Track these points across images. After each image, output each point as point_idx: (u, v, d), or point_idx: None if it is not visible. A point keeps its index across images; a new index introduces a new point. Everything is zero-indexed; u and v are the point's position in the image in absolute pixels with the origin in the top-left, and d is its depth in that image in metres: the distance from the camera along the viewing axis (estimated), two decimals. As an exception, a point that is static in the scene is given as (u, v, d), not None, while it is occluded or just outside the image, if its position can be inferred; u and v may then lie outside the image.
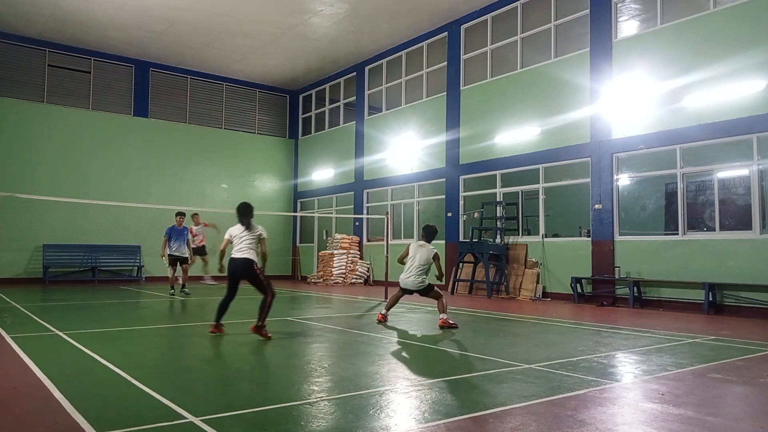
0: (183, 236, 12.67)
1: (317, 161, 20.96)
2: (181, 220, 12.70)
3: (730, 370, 5.06)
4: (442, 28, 15.86)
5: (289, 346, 6.19)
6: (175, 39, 16.95)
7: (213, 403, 3.92)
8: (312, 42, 16.99)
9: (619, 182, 11.81)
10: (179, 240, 12.59)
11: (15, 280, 16.23)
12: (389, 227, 13.42)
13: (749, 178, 9.99)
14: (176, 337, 7.09)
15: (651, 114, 11.14)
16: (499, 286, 13.23)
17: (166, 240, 12.50)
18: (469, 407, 3.71)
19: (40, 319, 8.09)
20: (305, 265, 21.02)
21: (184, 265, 12.78)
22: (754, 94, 9.71)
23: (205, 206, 19.25)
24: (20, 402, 3.81)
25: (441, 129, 15.72)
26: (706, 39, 10.46)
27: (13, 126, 16.65)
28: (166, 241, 12.51)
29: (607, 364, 5.32)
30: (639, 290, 11.01)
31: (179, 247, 12.57)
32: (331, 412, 3.60)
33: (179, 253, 12.57)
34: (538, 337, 7.00)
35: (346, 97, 19.91)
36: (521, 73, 13.84)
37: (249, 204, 6.96)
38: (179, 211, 12.81)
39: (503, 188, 14.14)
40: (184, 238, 12.68)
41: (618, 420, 3.51)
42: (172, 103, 19.65)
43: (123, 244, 17.93)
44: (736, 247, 9.87)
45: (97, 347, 5.76)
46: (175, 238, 12.57)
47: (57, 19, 15.57)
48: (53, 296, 12.35)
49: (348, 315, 9.60)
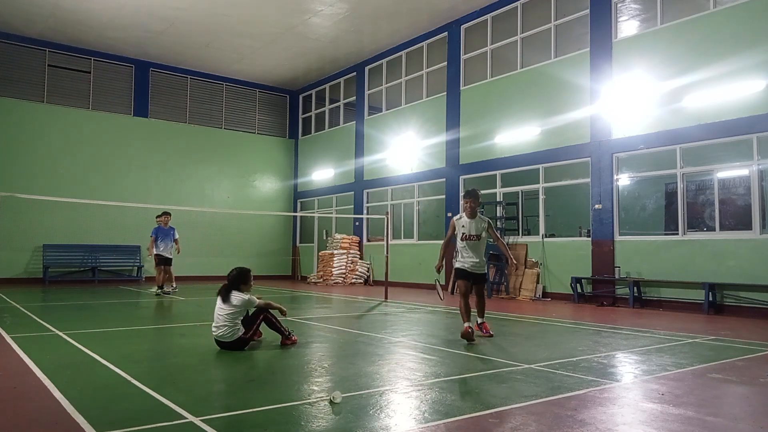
0: (170, 236, 12.85)
1: (317, 161, 20.95)
2: (167, 220, 12.83)
3: (730, 370, 5.05)
4: (442, 28, 15.86)
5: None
6: (175, 39, 16.94)
7: (213, 403, 3.92)
8: (312, 42, 16.98)
9: (619, 182, 11.81)
10: (166, 240, 12.78)
11: (15, 280, 16.24)
12: (389, 227, 13.42)
13: (749, 178, 9.99)
14: (176, 337, 7.09)
15: (651, 114, 11.14)
16: (499, 286, 13.23)
17: (154, 239, 12.72)
18: (469, 407, 3.71)
19: (40, 319, 8.09)
20: (305, 265, 21.01)
21: (168, 266, 12.81)
22: (754, 94, 9.71)
23: (205, 206, 19.27)
24: (20, 402, 3.81)
25: (441, 129, 15.72)
26: (706, 39, 10.45)
27: (13, 126, 16.65)
28: (153, 240, 12.73)
29: (607, 364, 5.32)
30: (639, 290, 11.01)
31: (165, 247, 12.75)
32: (331, 412, 3.59)
33: (165, 253, 12.73)
34: (538, 337, 7.00)
35: (346, 97, 19.91)
36: (521, 73, 13.83)
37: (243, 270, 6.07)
38: (164, 211, 12.95)
39: (503, 188, 14.14)
40: (171, 238, 12.85)
41: (618, 420, 3.50)
42: (172, 103, 19.66)
43: (123, 244, 17.94)
44: (736, 247, 9.86)
45: (97, 347, 5.76)
46: (161, 237, 12.73)
47: (57, 19, 15.57)
48: (53, 296, 12.35)
49: (348, 315, 9.60)
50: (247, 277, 5.96)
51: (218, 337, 5.76)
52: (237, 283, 5.89)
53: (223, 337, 5.73)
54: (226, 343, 5.75)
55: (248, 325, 5.87)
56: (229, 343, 5.74)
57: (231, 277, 5.95)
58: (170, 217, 12.93)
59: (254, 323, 5.88)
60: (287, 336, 6.05)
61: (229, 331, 5.71)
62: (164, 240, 12.75)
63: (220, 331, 5.73)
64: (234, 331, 5.73)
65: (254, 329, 5.88)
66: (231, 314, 5.72)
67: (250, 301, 5.83)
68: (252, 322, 5.89)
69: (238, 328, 5.77)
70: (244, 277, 5.95)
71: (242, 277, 5.94)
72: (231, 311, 5.72)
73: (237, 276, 5.94)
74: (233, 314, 5.74)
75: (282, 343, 6.01)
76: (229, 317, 5.72)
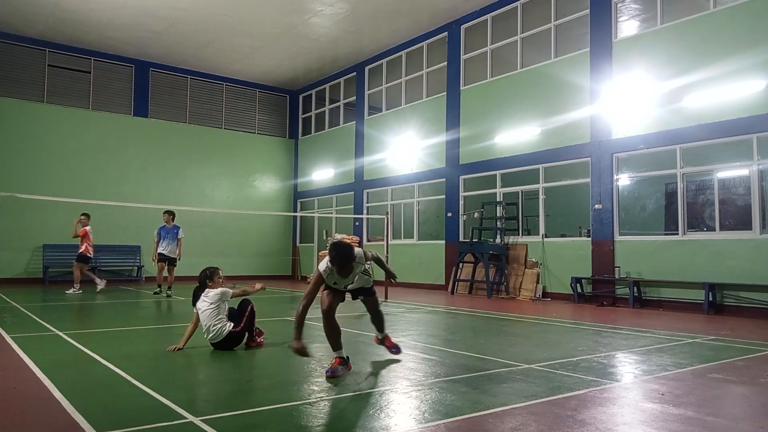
0: (172, 235, 12.61)
1: (317, 161, 20.95)
2: (170, 218, 12.65)
3: (730, 370, 5.05)
4: (442, 28, 15.86)
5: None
6: (175, 39, 16.94)
7: (213, 403, 3.92)
8: (312, 42, 16.98)
9: (619, 182, 11.81)
10: (168, 238, 12.55)
11: (15, 280, 16.24)
12: (389, 227, 13.42)
13: (749, 178, 9.99)
14: (176, 337, 7.07)
15: (651, 114, 11.14)
16: (499, 286, 13.22)
17: (158, 240, 12.54)
18: (469, 407, 3.70)
19: (40, 319, 8.09)
20: (305, 265, 21.00)
21: (171, 266, 12.61)
22: (754, 94, 9.71)
23: (205, 206, 19.27)
24: (20, 402, 3.81)
25: (441, 129, 15.72)
26: (706, 39, 10.45)
27: (13, 126, 16.65)
28: (158, 241, 12.55)
29: (607, 364, 5.32)
30: (639, 290, 11.00)
31: (168, 245, 12.52)
32: (331, 412, 3.59)
33: (168, 252, 12.51)
34: (538, 337, 7.00)
35: (346, 97, 19.91)
36: (521, 73, 13.83)
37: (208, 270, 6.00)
38: (167, 210, 12.82)
39: (503, 188, 14.14)
40: (173, 237, 12.61)
41: (618, 420, 3.50)
42: (172, 103, 19.65)
43: (123, 244, 17.93)
44: (736, 247, 9.86)
45: (97, 347, 5.76)
46: (164, 237, 12.56)
47: (57, 19, 15.56)
48: (53, 296, 12.34)
49: (348, 315, 9.60)
50: (212, 273, 5.97)
51: (211, 339, 5.77)
52: (204, 282, 5.92)
53: (215, 338, 5.73)
54: (219, 343, 5.75)
55: (237, 318, 5.87)
56: (222, 341, 5.73)
57: (199, 280, 5.98)
58: (172, 216, 12.70)
59: (243, 315, 5.87)
60: (253, 338, 5.98)
61: (217, 330, 5.70)
62: (166, 239, 12.55)
63: (210, 334, 5.73)
64: (221, 328, 5.72)
65: (245, 322, 5.86)
66: (212, 311, 5.73)
67: (224, 292, 5.86)
68: (240, 315, 5.89)
69: (225, 324, 5.76)
70: (210, 274, 5.97)
71: (208, 275, 5.96)
72: (210, 309, 5.75)
73: (202, 276, 5.97)
74: (214, 311, 5.74)
75: (247, 345, 5.93)
76: (212, 315, 5.72)
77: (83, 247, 13.03)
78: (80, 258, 13.04)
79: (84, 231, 13.00)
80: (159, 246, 12.57)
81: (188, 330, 5.86)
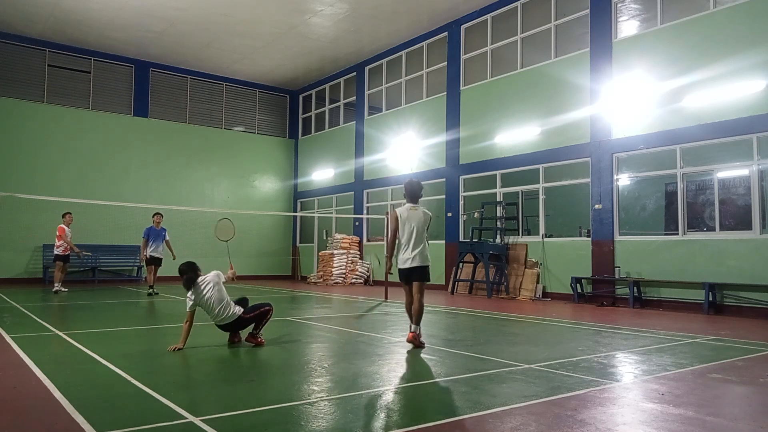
0: (161, 237, 12.90)
1: (317, 161, 20.95)
2: (159, 220, 12.91)
3: (730, 370, 5.05)
4: (442, 28, 15.86)
5: (289, 346, 6.20)
6: (175, 39, 16.94)
7: (213, 403, 3.92)
8: (312, 42, 16.98)
9: (619, 182, 11.81)
10: (157, 241, 12.82)
11: (15, 280, 16.23)
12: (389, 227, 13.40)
13: (749, 178, 9.99)
14: (176, 337, 7.07)
15: (651, 114, 11.14)
16: (499, 286, 13.22)
17: (146, 241, 12.76)
18: (469, 407, 3.70)
19: (40, 319, 8.09)
20: (305, 265, 21.01)
21: (157, 267, 12.90)
22: (754, 94, 9.71)
23: (205, 206, 19.25)
24: (20, 402, 3.81)
25: (441, 129, 15.72)
26: (706, 39, 10.45)
27: (13, 126, 16.64)
28: (145, 242, 12.78)
29: (607, 364, 5.32)
30: (639, 290, 11.00)
31: (156, 247, 12.80)
32: (331, 412, 3.59)
33: (157, 254, 12.81)
34: (538, 337, 7.00)
35: (346, 97, 19.91)
36: (521, 73, 13.83)
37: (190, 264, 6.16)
38: (157, 212, 13.03)
39: (503, 188, 14.14)
40: (161, 239, 12.89)
41: (618, 420, 3.50)
42: (172, 103, 19.65)
43: (123, 244, 17.92)
44: (736, 247, 9.86)
45: (97, 347, 5.76)
46: (153, 238, 12.77)
47: (57, 19, 15.57)
48: (53, 296, 12.34)
49: (348, 315, 9.60)
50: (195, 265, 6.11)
51: (221, 321, 5.98)
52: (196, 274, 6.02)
53: (225, 319, 5.94)
54: (228, 325, 6.00)
55: (251, 310, 6.11)
56: (231, 323, 5.98)
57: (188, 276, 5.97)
58: (162, 218, 12.98)
59: (258, 309, 6.11)
60: (255, 334, 6.11)
61: (227, 314, 5.92)
62: (155, 241, 12.80)
63: (219, 317, 5.94)
64: (230, 311, 5.94)
65: (256, 314, 6.07)
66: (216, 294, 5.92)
67: (217, 273, 6.14)
68: (255, 309, 6.12)
69: (232, 306, 5.99)
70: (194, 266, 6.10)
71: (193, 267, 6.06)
72: (214, 291, 5.92)
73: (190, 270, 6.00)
74: (217, 290, 5.94)
75: (247, 339, 6.09)
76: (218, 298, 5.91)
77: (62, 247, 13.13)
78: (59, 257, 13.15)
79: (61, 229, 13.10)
80: (148, 248, 12.77)
81: (185, 329, 5.90)
